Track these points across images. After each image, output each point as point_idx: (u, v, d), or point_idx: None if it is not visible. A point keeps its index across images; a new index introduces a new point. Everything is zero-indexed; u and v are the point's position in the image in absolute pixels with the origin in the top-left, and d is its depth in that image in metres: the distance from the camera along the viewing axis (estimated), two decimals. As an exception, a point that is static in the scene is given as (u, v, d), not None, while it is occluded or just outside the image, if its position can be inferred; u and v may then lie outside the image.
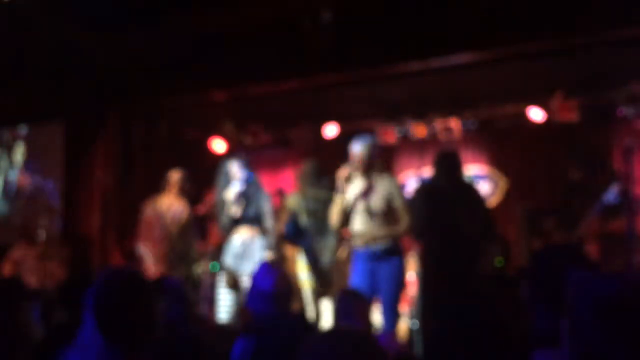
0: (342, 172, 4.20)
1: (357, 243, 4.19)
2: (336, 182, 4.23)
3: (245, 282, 4.37)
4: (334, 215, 4.24)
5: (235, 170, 4.75)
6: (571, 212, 5.08)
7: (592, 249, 4.59)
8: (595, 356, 1.35)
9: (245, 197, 4.69)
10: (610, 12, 4.59)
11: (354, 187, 4.22)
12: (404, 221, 4.13)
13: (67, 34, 5.93)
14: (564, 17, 4.76)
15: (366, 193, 4.18)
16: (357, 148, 4.20)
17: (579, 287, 1.42)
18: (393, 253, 4.11)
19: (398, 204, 4.15)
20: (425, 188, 4.50)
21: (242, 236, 4.61)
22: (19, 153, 7.34)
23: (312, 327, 3.56)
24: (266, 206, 4.67)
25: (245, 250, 4.57)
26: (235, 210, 4.66)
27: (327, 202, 4.55)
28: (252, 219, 4.62)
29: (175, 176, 5.50)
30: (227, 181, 4.79)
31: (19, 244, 6.02)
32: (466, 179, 4.77)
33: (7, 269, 5.81)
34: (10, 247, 6.01)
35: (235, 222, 4.68)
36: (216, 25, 5.82)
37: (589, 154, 5.88)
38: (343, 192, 4.19)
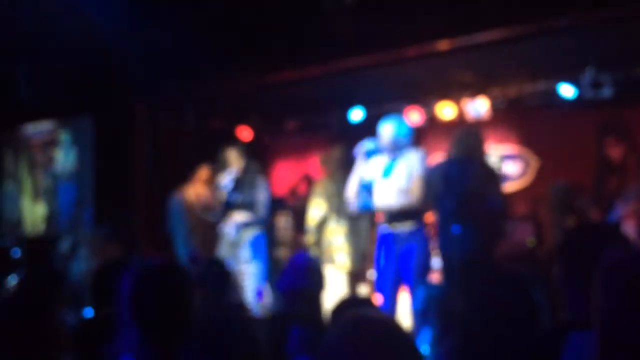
0: (362, 148, 4.32)
1: (384, 223, 4.19)
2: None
3: (243, 270, 4.42)
4: (351, 191, 4.30)
5: (234, 157, 4.88)
6: (606, 190, 4.96)
7: (630, 227, 4.46)
8: (624, 338, 1.29)
9: (241, 184, 4.77)
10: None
11: (377, 165, 4.23)
12: (414, 193, 4.14)
13: (91, 27, 5.97)
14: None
15: (390, 172, 4.18)
16: (385, 127, 4.24)
17: (606, 266, 1.36)
18: (418, 235, 4.09)
19: (415, 175, 4.14)
20: (442, 165, 4.48)
21: (236, 222, 4.75)
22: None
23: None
24: (261, 195, 4.77)
25: (241, 237, 4.67)
26: (230, 196, 4.80)
27: None
28: (247, 205, 4.75)
29: (204, 173, 5.72)
30: (224, 168, 4.94)
31: None
32: (485, 157, 4.70)
33: None
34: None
35: (230, 208, 4.81)
36: (239, 13, 5.80)
37: (623, 130, 5.72)
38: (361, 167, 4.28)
